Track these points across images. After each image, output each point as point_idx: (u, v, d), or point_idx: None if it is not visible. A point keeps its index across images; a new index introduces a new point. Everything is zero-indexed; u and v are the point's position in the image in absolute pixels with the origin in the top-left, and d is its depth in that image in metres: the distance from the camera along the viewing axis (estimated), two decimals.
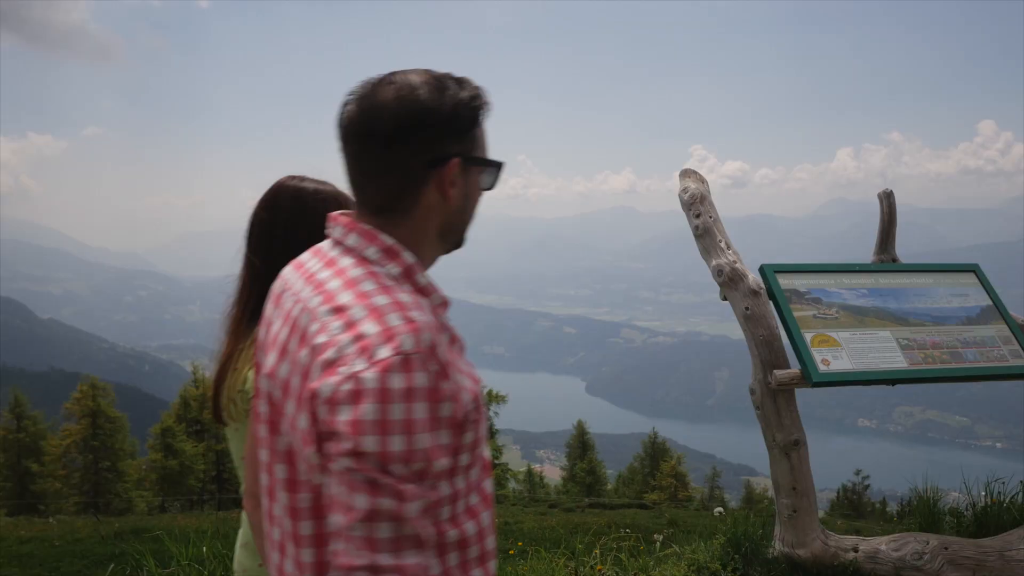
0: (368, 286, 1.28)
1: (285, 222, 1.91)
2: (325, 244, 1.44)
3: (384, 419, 1.14)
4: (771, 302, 4.22)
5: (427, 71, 1.37)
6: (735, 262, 4.23)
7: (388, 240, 1.35)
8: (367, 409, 1.14)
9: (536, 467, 57.66)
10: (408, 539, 1.15)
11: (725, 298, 4.25)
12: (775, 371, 3.99)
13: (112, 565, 7.03)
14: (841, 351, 4.06)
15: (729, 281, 4.19)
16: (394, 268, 1.34)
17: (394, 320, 1.22)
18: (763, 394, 4.06)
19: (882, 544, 4.09)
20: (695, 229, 4.39)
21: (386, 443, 1.14)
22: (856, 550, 4.10)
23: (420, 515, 1.17)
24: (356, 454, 1.14)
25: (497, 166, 1.44)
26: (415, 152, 1.33)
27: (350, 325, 1.22)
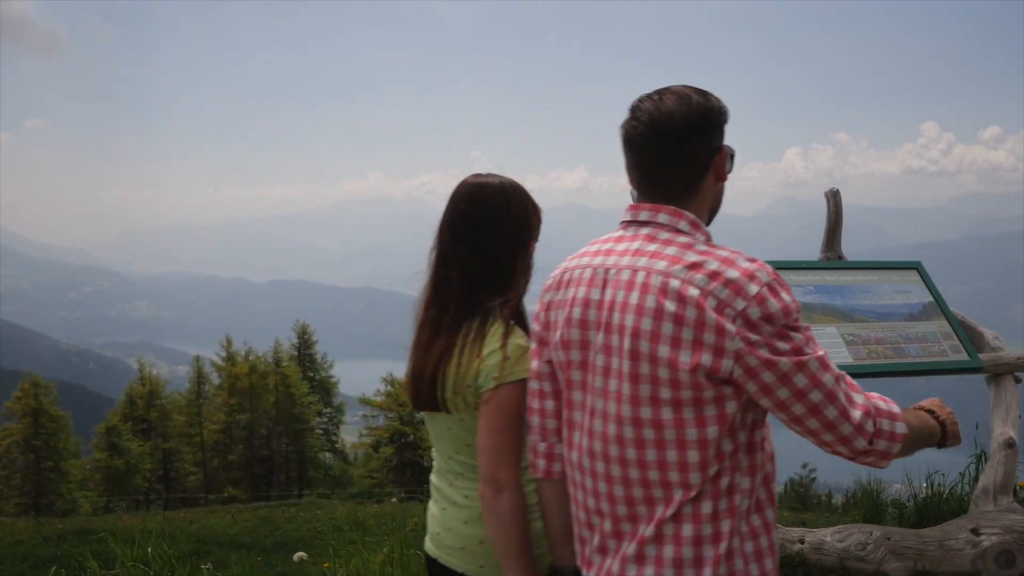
0: (701, 247, 1.59)
1: (493, 214, 2.04)
2: (622, 230, 1.75)
3: (797, 323, 1.54)
4: None
5: (683, 85, 1.71)
6: None
7: (691, 215, 1.66)
8: (780, 316, 1.52)
9: None
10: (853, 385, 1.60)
11: None
12: None
13: (54, 567, 6.85)
14: None
15: None
16: (700, 236, 1.65)
17: (744, 261, 1.55)
18: None
19: (827, 535, 4.16)
20: None
21: (808, 342, 1.55)
22: (802, 542, 4.17)
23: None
24: (798, 351, 1.52)
25: (733, 155, 1.75)
26: (701, 145, 1.66)
27: (715, 275, 1.53)
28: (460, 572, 2.04)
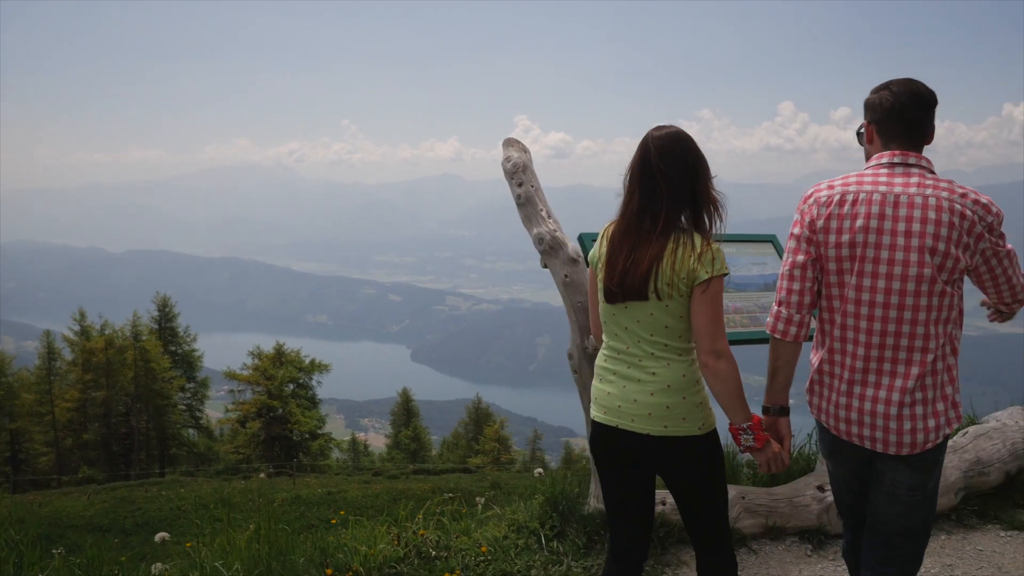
0: (957, 184, 2.51)
1: (683, 153, 2.61)
2: (892, 164, 2.59)
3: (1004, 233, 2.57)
4: (589, 270, 4.35)
5: (907, 78, 2.65)
6: (555, 231, 4.32)
7: (929, 161, 2.62)
8: (1002, 233, 2.54)
9: (360, 436, 57.22)
10: None
11: (546, 266, 4.34)
12: (591, 336, 4.14)
13: None
14: None
15: (550, 249, 4.28)
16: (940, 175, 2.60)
17: (984, 195, 2.51)
18: (580, 359, 4.20)
19: None
20: (517, 198, 4.45)
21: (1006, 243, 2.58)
22: (664, 503, 4.34)
23: None
24: (1004, 248, 2.55)
25: None
26: (935, 112, 2.64)
27: (976, 201, 2.48)
28: (643, 434, 2.62)
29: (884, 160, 2.60)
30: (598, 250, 2.76)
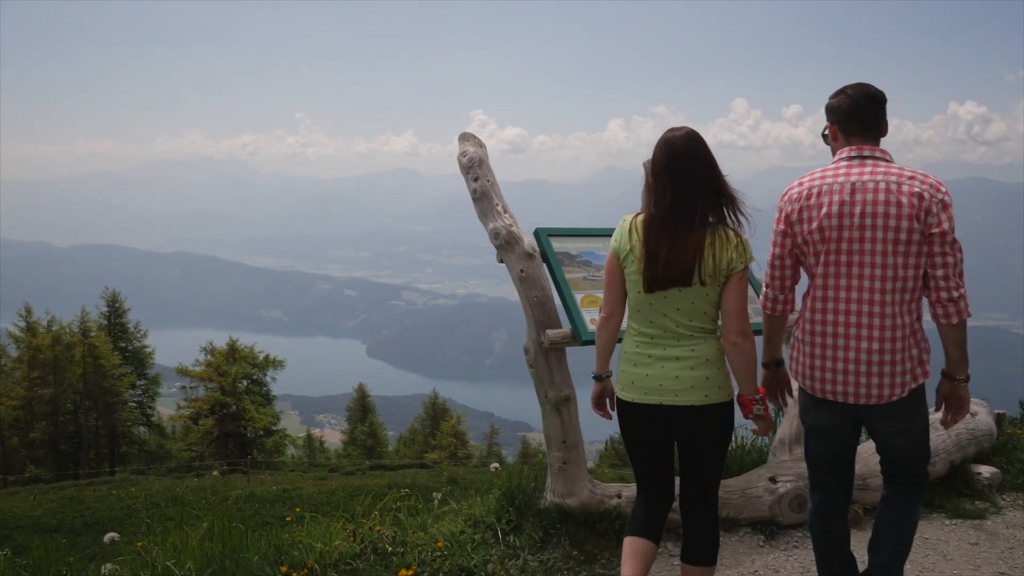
0: (907, 169, 2.90)
1: (704, 154, 2.95)
2: (850, 158, 3.01)
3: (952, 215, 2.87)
4: (545, 265, 4.37)
5: (860, 83, 3.10)
6: (511, 225, 4.33)
7: (886, 152, 3.03)
8: (950, 212, 2.85)
9: (316, 432, 56.77)
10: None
11: (502, 260, 4.35)
12: (547, 331, 4.15)
13: None
14: None
15: (505, 244, 4.29)
16: (894, 162, 3.00)
17: (932, 177, 2.89)
18: (536, 353, 4.21)
19: None
20: (473, 193, 4.45)
21: (954, 226, 2.85)
22: (619, 496, 4.38)
23: None
24: (949, 232, 2.82)
25: None
26: (886, 108, 3.07)
27: (925, 181, 2.87)
28: (686, 406, 2.97)
29: (844, 155, 3.03)
30: (627, 241, 3.01)
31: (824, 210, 2.94)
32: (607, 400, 3.29)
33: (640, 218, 3.03)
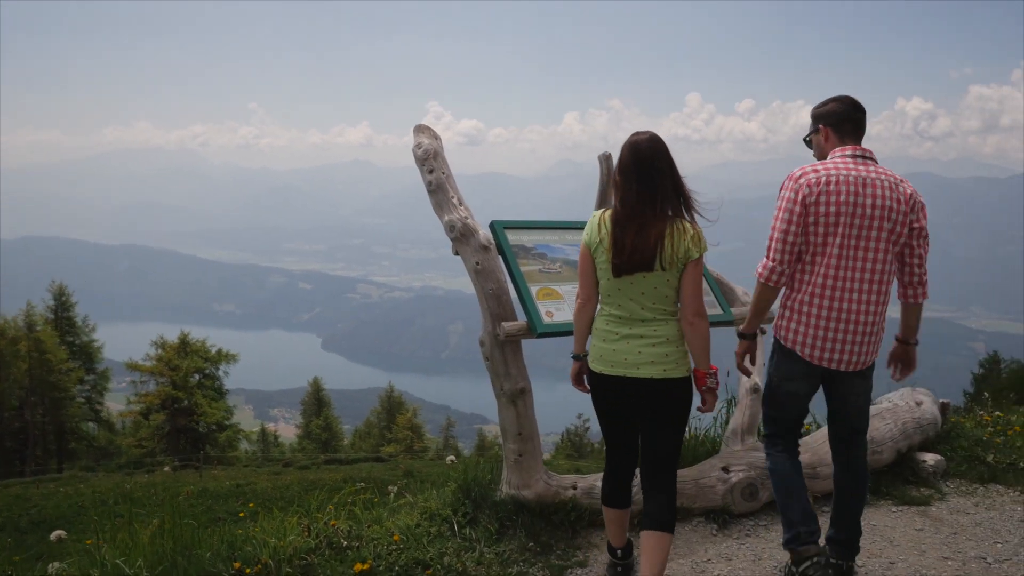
0: (891, 171, 3.47)
1: (665, 154, 3.29)
2: (854, 156, 3.50)
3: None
4: (500, 257, 4.37)
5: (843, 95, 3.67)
6: (467, 218, 4.32)
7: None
8: (926, 211, 3.51)
9: (270, 426, 56.18)
10: None
11: (457, 253, 4.34)
12: (503, 323, 4.15)
13: None
14: (563, 303, 4.31)
15: (461, 236, 4.28)
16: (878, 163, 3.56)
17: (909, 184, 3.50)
18: (492, 345, 4.21)
19: (597, 480, 4.42)
20: (428, 185, 4.43)
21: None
22: (575, 487, 4.40)
23: None
24: (925, 228, 3.50)
25: None
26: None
27: (909, 185, 3.49)
28: (647, 378, 3.31)
29: (848, 153, 3.53)
30: (596, 234, 3.34)
31: (842, 197, 3.41)
32: (584, 376, 3.60)
33: (608, 213, 3.36)
